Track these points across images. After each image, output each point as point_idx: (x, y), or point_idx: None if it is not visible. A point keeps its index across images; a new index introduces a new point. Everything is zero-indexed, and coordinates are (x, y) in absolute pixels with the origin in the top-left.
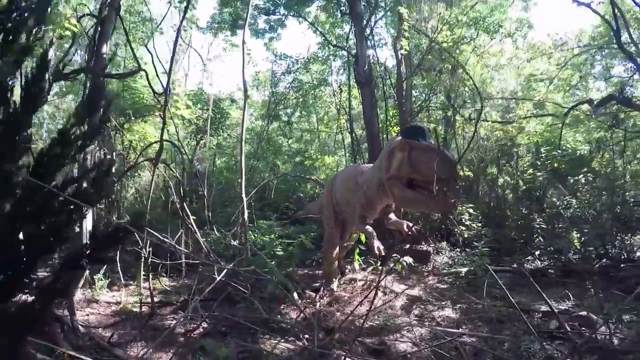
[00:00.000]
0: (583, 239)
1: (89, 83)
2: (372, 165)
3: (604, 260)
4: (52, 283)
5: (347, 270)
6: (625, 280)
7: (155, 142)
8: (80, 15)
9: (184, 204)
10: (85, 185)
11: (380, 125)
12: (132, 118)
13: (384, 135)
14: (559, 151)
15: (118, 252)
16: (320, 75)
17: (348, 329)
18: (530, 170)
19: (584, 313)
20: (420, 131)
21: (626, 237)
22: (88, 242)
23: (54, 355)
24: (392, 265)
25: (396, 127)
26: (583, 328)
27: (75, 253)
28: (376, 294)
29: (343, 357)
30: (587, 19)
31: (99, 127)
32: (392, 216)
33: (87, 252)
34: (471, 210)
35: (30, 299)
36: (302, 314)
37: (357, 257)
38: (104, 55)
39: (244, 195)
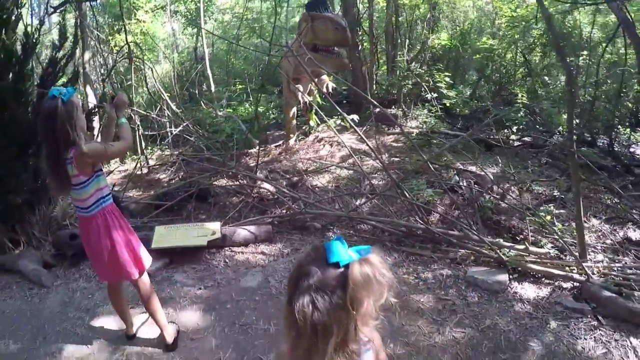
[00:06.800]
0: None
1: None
2: None
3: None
4: None
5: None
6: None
7: (123, 45)
8: None
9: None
10: None
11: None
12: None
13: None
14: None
15: None
16: None
17: (284, 170)
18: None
19: (482, 173)
20: (322, 3)
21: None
22: None
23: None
24: (337, 122)
25: None
26: (476, 185)
27: None
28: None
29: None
30: None
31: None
32: (324, 77)
33: None
34: (447, 79)
35: None
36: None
37: (312, 115)
38: None
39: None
